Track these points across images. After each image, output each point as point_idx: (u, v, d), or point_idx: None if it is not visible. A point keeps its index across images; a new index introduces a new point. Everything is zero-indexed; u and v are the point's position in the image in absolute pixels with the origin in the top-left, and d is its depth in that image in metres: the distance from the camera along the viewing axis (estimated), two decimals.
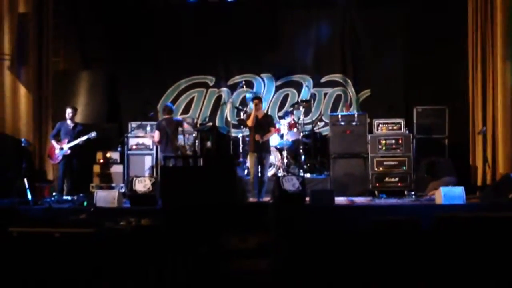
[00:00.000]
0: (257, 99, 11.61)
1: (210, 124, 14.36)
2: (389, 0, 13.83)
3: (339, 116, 12.67)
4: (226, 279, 6.51)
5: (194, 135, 13.17)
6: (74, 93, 13.58)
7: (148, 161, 12.85)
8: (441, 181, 11.18)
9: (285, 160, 12.77)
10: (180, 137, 12.07)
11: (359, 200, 11.59)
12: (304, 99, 13.94)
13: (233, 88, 14.41)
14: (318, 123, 14.21)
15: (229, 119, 14.37)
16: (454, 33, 13.28)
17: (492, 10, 12.22)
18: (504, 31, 11.85)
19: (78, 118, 12.42)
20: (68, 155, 11.76)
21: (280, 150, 12.81)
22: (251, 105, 11.86)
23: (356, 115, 12.61)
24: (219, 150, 13.96)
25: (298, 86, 14.49)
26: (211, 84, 14.65)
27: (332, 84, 14.43)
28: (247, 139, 12.09)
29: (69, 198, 11.43)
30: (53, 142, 11.87)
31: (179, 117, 13.10)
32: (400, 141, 12.24)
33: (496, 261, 6.14)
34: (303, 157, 13.06)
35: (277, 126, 12.58)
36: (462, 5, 12.88)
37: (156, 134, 11.77)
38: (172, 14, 14.15)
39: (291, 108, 13.68)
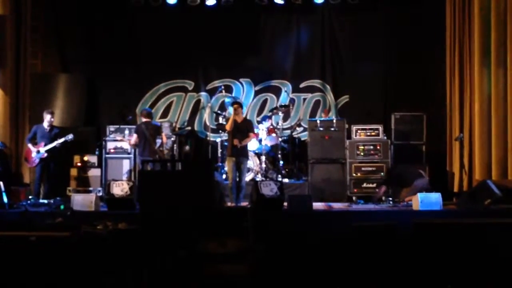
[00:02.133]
0: (237, 104, 11.60)
1: (189, 128, 14.37)
2: (369, 7, 13.89)
3: (318, 121, 12.71)
4: (204, 283, 6.49)
5: (172, 139, 13.14)
6: (52, 96, 13.47)
7: (126, 165, 12.81)
8: (413, 186, 11.23)
9: (263, 165, 12.77)
10: (158, 141, 12.04)
11: (337, 205, 11.61)
12: (283, 104, 13.96)
13: (212, 92, 14.40)
14: (297, 128, 14.23)
15: (207, 124, 14.36)
16: (432, 40, 13.40)
17: (470, 19, 12.33)
18: (481, 39, 11.95)
19: (55, 121, 12.31)
20: (45, 158, 11.66)
21: (258, 155, 12.80)
22: (230, 110, 11.85)
23: (334, 121, 12.66)
24: (197, 154, 13.95)
25: (277, 91, 14.52)
26: (190, 88, 14.63)
27: (311, 89, 14.47)
28: (226, 143, 12.07)
29: (45, 201, 11.32)
30: (29, 145, 11.76)
31: (158, 122, 13.03)
32: (378, 147, 12.32)
33: (472, 267, 6.19)
34: (281, 162, 13.08)
35: (256, 131, 12.59)
36: (440, 13, 12.99)
37: (134, 137, 11.74)
38: (152, 18, 14.10)
39: (270, 113, 13.70)
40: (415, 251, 6.44)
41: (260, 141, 12.81)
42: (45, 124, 11.80)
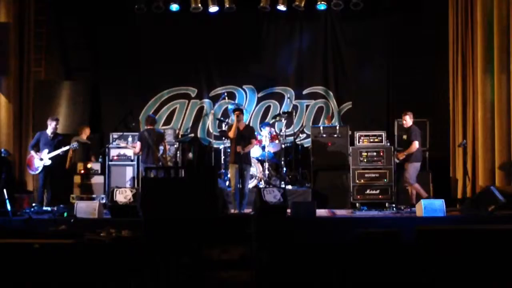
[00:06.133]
0: (238, 110, 11.57)
1: (192, 135, 14.38)
2: (371, 13, 13.89)
3: (321, 128, 12.71)
4: None
5: (175, 146, 13.15)
6: (55, 103, 13.49)
7: (129, 172, 12.81)
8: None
9: (267, 172, 12.76)
10: (161, 148, 12.04)
11: (340, 212, 11.60)
12: (285, 111, 13.96)
13: (215, 99, 14.40)
14: (300, 135, 14.24)
15: (210, 131, 14.34)
16: (435, 47, 13.41)
17: (472, 25, 12.36)
18: (484, 46, 11.96)
19: (59, 129, 12.33)
20: (48, 166, 11.67)
21: (261, 161, 12.81)
22: (233, 117, 11.86)
23: (337, 127, 12.67)
24: (200, 161, 13.95)
25: (280, 98, 14.52)
26: (193, 95, 14.65)
27: (314, 96, 14.48)
28: (229, 150, 12.06)
29: (49, 209, 11.34)
30: (32, 152, 11.77)
31: (161, 130, 13.04)
32: (381, 154, 12.29)
33: (476, 273, 6.18)
34: (284, 168, 13.07)
35: (258, 137, 12.60)
36: (442, 20, 13.01)
37: (138, 145, 11.74)
38: (155, 25, 14.13)
39: (273, 120, 13.72)
40: (418, 258, 6.42)
41: (263, 147, 12.81)
42: (49, 131, 11.82)
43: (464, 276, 6.16)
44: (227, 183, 12.33)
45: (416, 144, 11.46)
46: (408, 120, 11.71)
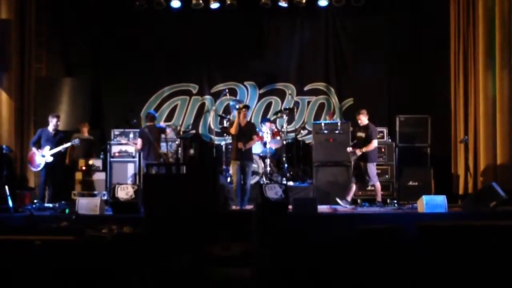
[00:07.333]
0: (245, 107, 11.60)
1: (193, 131, 14.38)
2: (373, 10, 13.88)
3: (322, 124, 12.68)
4: (209, 286, 6.49)
5: (177, 142, 13.15)
6: (56, 99, 13.49)
7: (130, 169, 12.82)
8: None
9: (268, 168, 12.76)
10: (163, 144, 12.05)
11: (342, 208, 11.59)
12: (287, 107, 13.94)
13: (216, 96, 14.41)
14: (301, 131, 14.24)
15: (212, 127, 14.35)
16: (437, 43, 13.38)
17: (474, 20, 12.32)
18: (486, 41, 11.93)
19: (60, 125, 12.33)
20: (50, 162, 11.66)
21: (263, 158, 12.80)
22: (235, 113, 11.85)
23: (339, 124, 12.64)
24: (202, 157, 13.94)
25: (282, 94, 14.52)
26: (194, 91, 14.64)
27: (315, 92, 14.47)
28: (230, 147, 12.06)
29: (50, 205, 11.33)
30: (33, 148, 11.75)
31: (162, 124, 13.05)
32: (382, 150, 12.31)
33: (477, 269, 6.17)
34: (286, 165, 13.06)
35: (260, 134, 12.59)
36: (444, 15, 12.98)
37: (139, 142, 11.75)
38: (157, 22, 14.12)
39: (274, 117, 13.72)
40: (420, 254, 6.42)
41: (264, 144, 12.81)
42: (50, 128, 11.81)
43: (465, 272, 6.15)
44: (229, 179, 12.33)
45: (375, 143, 11.47)
46: (363, 119, 11.69)
